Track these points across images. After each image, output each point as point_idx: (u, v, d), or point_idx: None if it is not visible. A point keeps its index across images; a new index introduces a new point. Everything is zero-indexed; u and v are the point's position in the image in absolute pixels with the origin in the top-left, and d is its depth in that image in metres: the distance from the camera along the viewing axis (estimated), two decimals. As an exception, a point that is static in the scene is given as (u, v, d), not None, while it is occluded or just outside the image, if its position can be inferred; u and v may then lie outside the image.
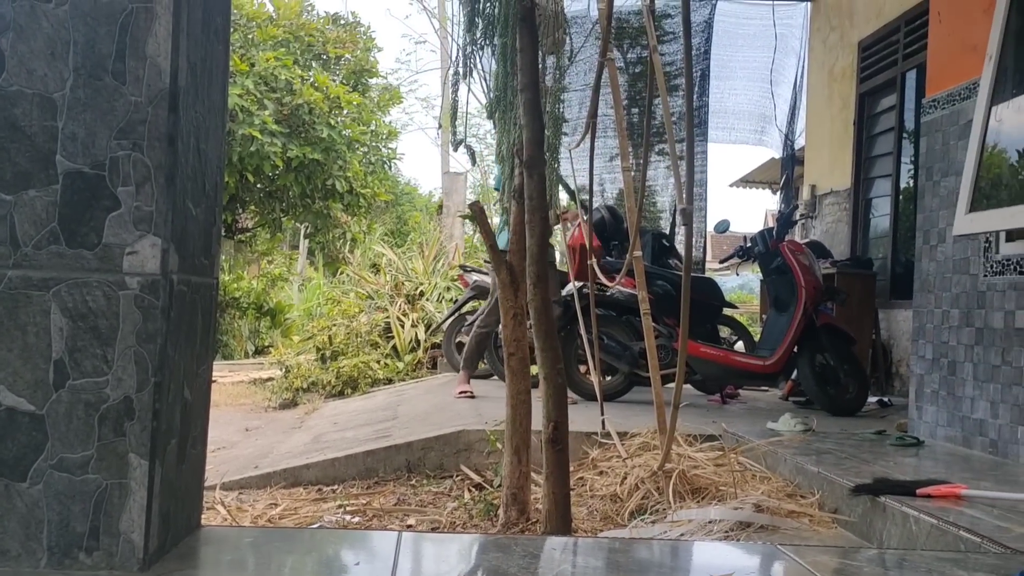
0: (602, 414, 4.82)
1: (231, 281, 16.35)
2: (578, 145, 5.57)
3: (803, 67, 9.85)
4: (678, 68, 10.16)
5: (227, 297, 15.71)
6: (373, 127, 14.94)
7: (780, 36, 9.72)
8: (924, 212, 4.99)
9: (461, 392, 6.61)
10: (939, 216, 4.81)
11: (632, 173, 4.24)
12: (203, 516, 2.38)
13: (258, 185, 13.79)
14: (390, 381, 9.72)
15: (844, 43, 8.70)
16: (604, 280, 5.34)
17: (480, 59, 3.65)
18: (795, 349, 6.10)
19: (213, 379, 2.72)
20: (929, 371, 4.86)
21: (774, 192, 10.54)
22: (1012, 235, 4.26)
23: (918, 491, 3.14)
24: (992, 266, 4.37)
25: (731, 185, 15.64)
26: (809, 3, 9.68)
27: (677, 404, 3.29)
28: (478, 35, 3.53)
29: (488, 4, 3.38)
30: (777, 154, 10.45)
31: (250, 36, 13.62)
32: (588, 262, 5.08)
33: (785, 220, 6.67)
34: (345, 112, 14.09)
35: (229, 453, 6.23)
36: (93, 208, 1.97)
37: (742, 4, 10.03)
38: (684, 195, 2.89)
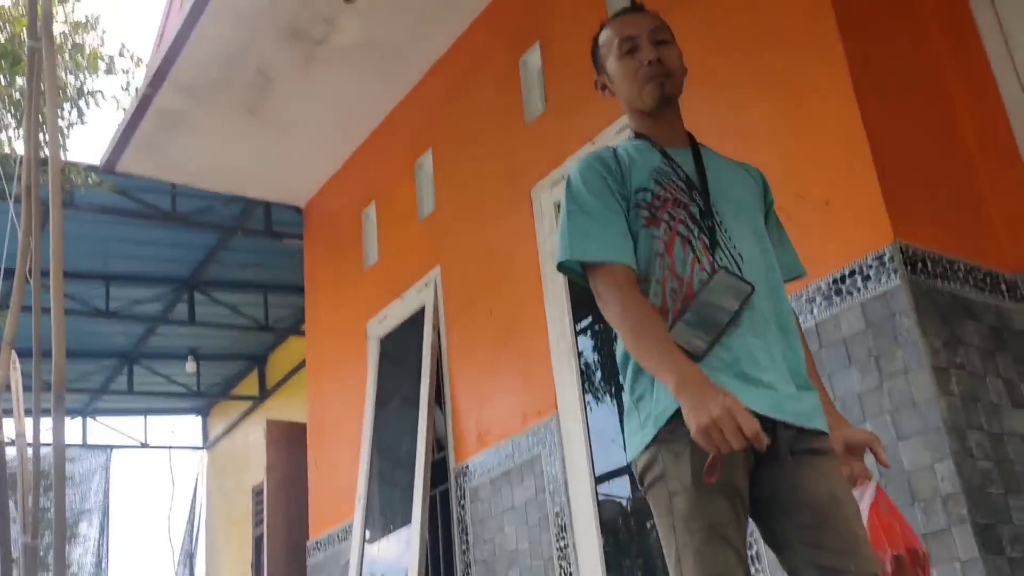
0: None
1: None
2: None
3: (201, 510, 10.08)
4: (77, 514, 9.80)
5: None
6: None
7: (177, 481, 9.94)
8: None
9: None
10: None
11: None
12: None
13: None
14: None
15: (240, 488, 9.18)
16: None
17: None
18: None
19: None
20: None
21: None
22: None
23: None
24: None
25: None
26: (206, 451, 10.17)
27: None
28: None
29: None
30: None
31: None
32: None
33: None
34: None
35: None
36: None
37: (140, 449, 10.17)
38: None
